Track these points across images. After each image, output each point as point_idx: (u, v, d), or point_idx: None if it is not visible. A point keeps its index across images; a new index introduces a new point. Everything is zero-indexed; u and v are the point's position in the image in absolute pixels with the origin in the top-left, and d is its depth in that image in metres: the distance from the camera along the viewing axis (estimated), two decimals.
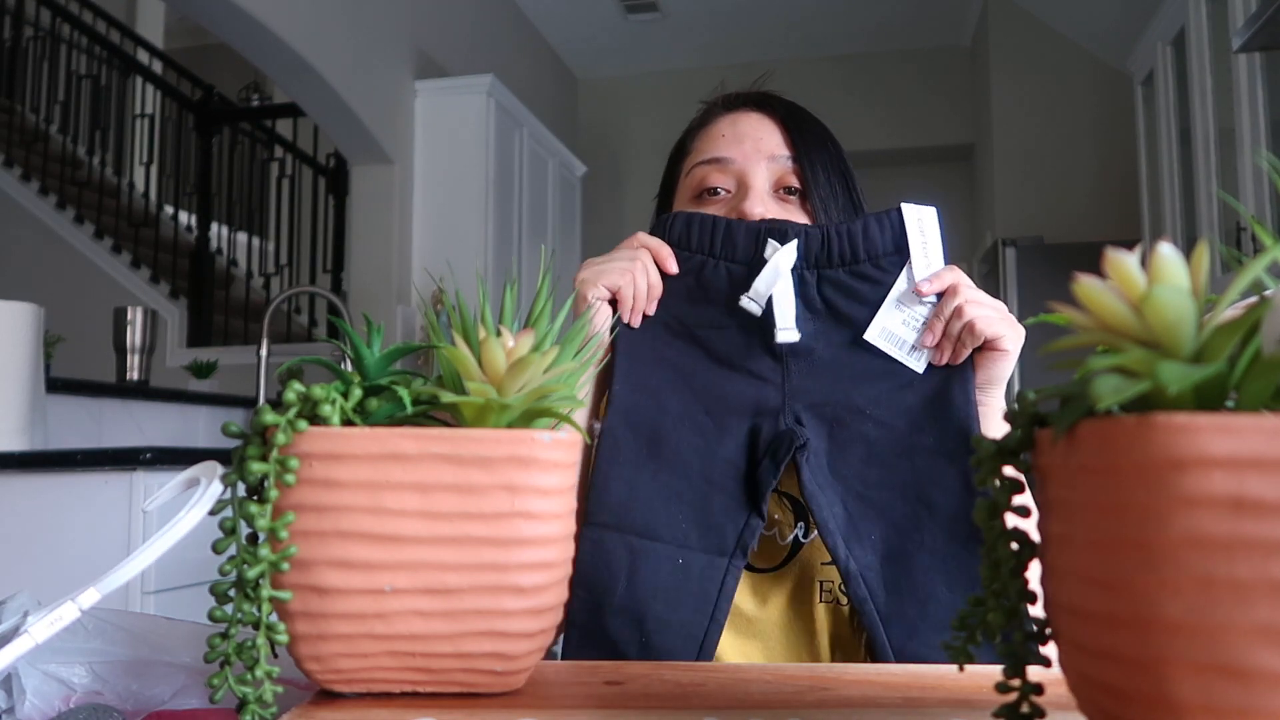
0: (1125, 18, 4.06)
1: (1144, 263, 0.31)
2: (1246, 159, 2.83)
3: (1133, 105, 4.11)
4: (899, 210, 0.80)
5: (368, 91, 3.64)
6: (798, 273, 0.78)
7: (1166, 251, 0.30)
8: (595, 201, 5.47)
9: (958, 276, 0.78)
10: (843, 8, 5.22)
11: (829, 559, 0.79)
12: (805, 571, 0.81)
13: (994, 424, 0.79)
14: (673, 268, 0.81)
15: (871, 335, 0.78)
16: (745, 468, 0.76)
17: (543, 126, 4.49)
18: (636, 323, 0.80)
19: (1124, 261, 0.31)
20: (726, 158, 0.88)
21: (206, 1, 3.07)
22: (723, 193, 0.88)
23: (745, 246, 0.80)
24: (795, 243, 0.78)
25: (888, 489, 0.75)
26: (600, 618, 0.73)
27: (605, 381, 0.81)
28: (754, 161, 0.87)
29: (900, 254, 0.79)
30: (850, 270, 0.79)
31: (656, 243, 0.82)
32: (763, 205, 0.86)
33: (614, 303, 0.80)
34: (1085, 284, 0.31)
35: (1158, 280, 0.30)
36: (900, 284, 0.79)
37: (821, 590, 0.80)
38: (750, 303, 0.78)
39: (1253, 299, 0.31)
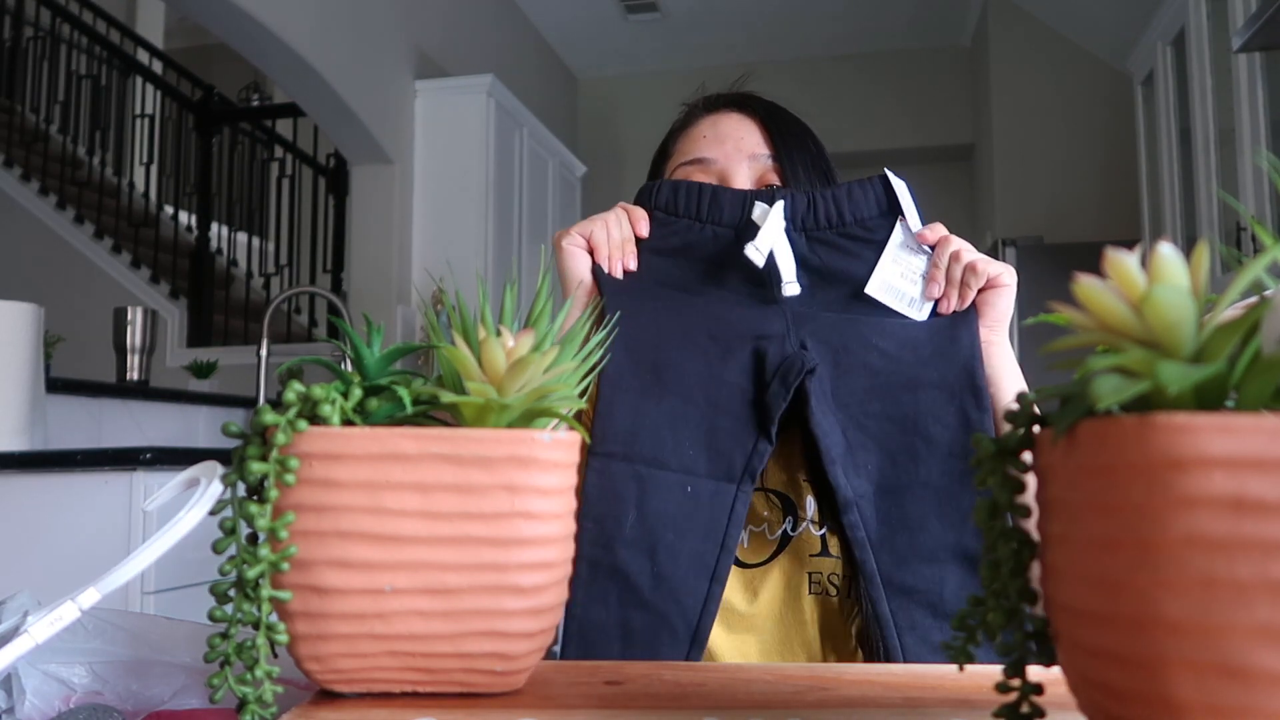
0: (1125, 18, 4.06)
1: (1144, 263, 0.31)
2: (1246, 159, 2.83)
3: (1133, 105, 4.11)
4: (881, 176, 0.83)
5: (368, 91, 3.64)
6: (787, 234, 0.80)
7: (1166, 251, 0.30)
8: (595, 201, 5.46)
9: (946, 230, 0.82)
10: (843, 8, 5.22)
11: (817, 550, 0.80)
12: (794, 564, 0.81)
13: (1004, 359, 0.81)
14: (643, 229, 0.83)
15: (872, 289, 0.80)
16: (752, 391, 0.77)
17: (543, 126, 4.48)
18: (615, 271, 0.82)
19: (1124, 261, 0.31)
20: (708, 158, 0.90)
21: (206, 1, 3.07)
22: None
23: (731, 210, 0.82)
24: (781, 204, 0.79)
25: (887, 420, 0.76)
26: (611, 550, 0.73)
27: (598, 323, 0.82)
28: (735, 161, 0.89)
29: (884, 217, 0.82)
30: (838, 232, 0.81)
31: (631, 206, 0.84)
32: None
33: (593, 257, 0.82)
34: (1085, 284, 0.31)
35: (1158, 280, 0.30)
36: (895, 239, 0.81)
37: (811, 582, 0.80)
38: (755, 252, 0.78)
39: (1253, 299, 0.31)
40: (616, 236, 0.82)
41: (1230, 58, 2.89)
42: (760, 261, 0.78)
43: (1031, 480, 0.37)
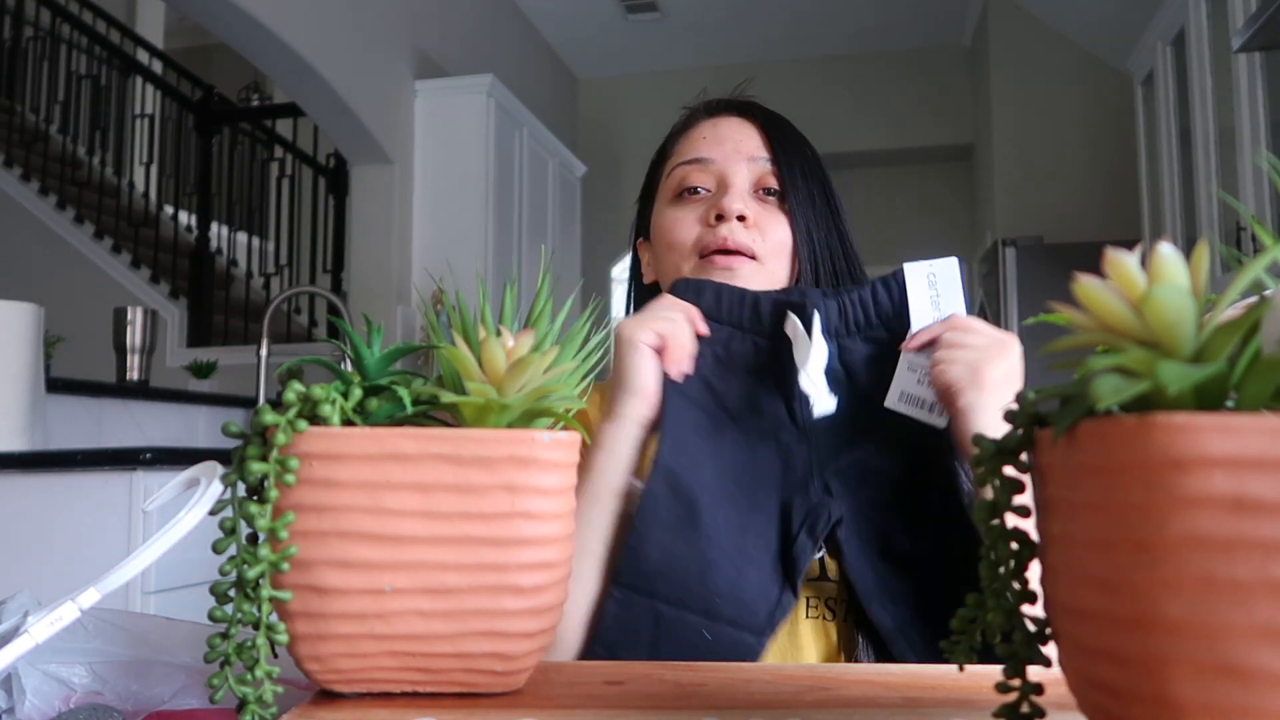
0: (1125, 18, 4.06)
1: (1144, 263, 0.31)
2: (1246, 159, 2.83)
3: (1133, 105, 4.11)
4: (902, 270, 0.79)
5: (368, 91, 3.64)
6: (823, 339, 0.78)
7: (1166, 251, 0.30)
8: (595, 201, 5.47)
9: (947, 325, 0.76)
10: (843, 8, 5.22)
11: (816, 575, 0.78)
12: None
13: (980, 426, 0.73)
14: (704, 329, 0.80)
15: (891, 402, 0.76)
16: (778, 544, 0.75)
17: (543, 126, 4.49)
18: (680, 375, 0.78)
19: (1124, 261, 0.31)
20: (707, 158, 0.89)
21: (206, 1, 3.07)
22: (703, 191, 0.89)
23: (771, 321, 0.79)
24: (818, 317, 0.77)
25: (914, 542, 0.74)
26: None
27: (648, 438, 0.79)
28: (734, 161, 0.88)
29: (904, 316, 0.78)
30: (864, 335, 0.79)
31: (688, 305, 0.80)
32: (742, 202, 0.86)
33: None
34: (1085, 284, 0.31)
35: (1158, 280, 0.30)
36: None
37: (808, 605, 0.78)
38: (808, 384, 0.75)
39: (1253, 299, 0.31)
40: (687, 344, 0.77)
41: (1230, 58, 2.89)
42: (816, 395, 0.75)
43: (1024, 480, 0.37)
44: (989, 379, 0.72)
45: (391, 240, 3.81)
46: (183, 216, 5.37)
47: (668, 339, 0.77)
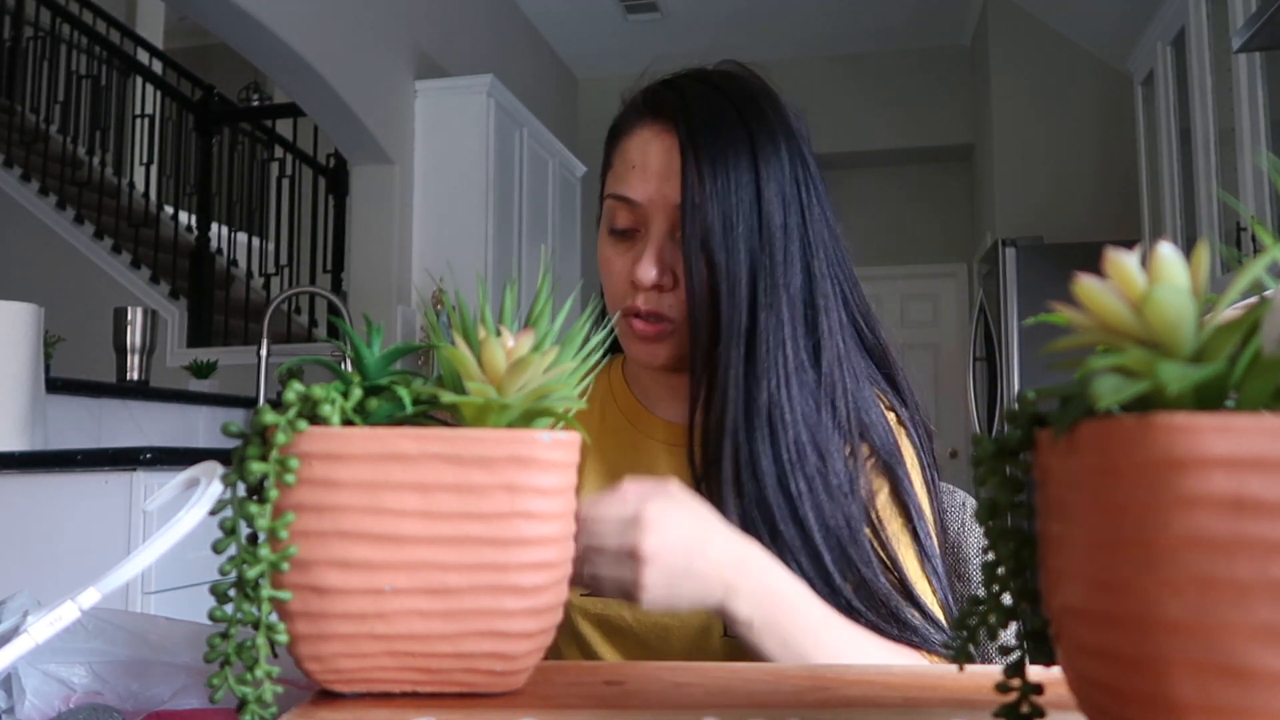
0: (1125, 18, 4.06)
1: (1144, 263, 0.31)
2: (1246, 159, 2.83)
3: (1133, 105, 4.11)
4: None
5: (368, 91, 3.64)
6: None
7: (1166, 251, 0.30)
8: (595, 201, 5.45)
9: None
10: (843, 8, 5.22)
11: None
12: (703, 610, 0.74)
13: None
14: None
15: None
16: None
17: (543, 126, 4.48)
18: None
19: (1124, 261, 0.31)
20: (633, 200, 0.82)
21: (206, 1, 3.07)
22: (630, 233, 0.83)
23: None
24: None
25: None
26: None
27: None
28: (656, 209, 0.81)
29: None
30: None
31: None
32: (656, 268, 0.80)
33: None
34: (1085, 284, 0.31)
35: (1158, 280, 0.30)
36: None
37: (724, 627, 0.73)
38: None
39: (1253, 299, 0.31)
40: None
41: (1230, 58, 2.89)
42: None
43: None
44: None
45: (391, 240, 3.81)
46: (183, 216, 5.37)
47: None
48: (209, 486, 0.47)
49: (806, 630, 0.66)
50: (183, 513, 0.46)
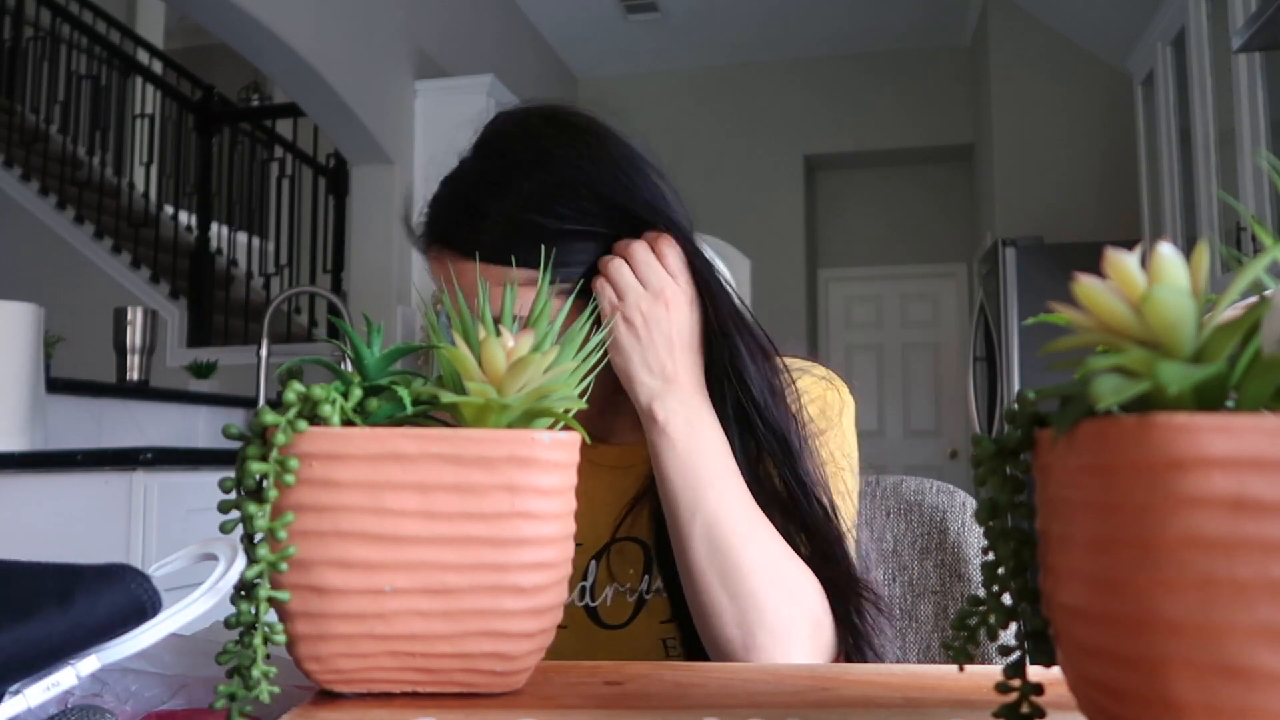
0: (1125, 18, 4.06)
1: (1144, 263, 0.31)
2: (1246, 159, 2.83)
3: (1133, 105, 4.11)
4: None
5: (368, 91, 3.64)
6: None
7: (1166, 251, 0.30)
8: None
9: None
10: (843, 7, 5.22)
11: (667, 617, 0.76)
12: (649, 628, 0.78)
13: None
14: None
15: None
16: None
17: None
18: None
19: (1124, 261, 0.31)
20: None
21: (206, 1, 3.07)
22: None
23: None
24: None
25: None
26: None
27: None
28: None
29: None
30: None
31: None
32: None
33: None
34: (1085, 284, 0.31)
35: (1158, 280, 0.30)
36: None
37: (665, 646, 0.77)
38: None
39: (1253, 299, 0.31)
40: None
41: (1230, 58, 2.89)
42: None
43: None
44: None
45: (391, 240, 3.81)
46: (183, 216, 5.37)
47: None
48: (230, 569, 0.46)
49: (714, 475, 0.67)
50: (198, 594, 0.46)
